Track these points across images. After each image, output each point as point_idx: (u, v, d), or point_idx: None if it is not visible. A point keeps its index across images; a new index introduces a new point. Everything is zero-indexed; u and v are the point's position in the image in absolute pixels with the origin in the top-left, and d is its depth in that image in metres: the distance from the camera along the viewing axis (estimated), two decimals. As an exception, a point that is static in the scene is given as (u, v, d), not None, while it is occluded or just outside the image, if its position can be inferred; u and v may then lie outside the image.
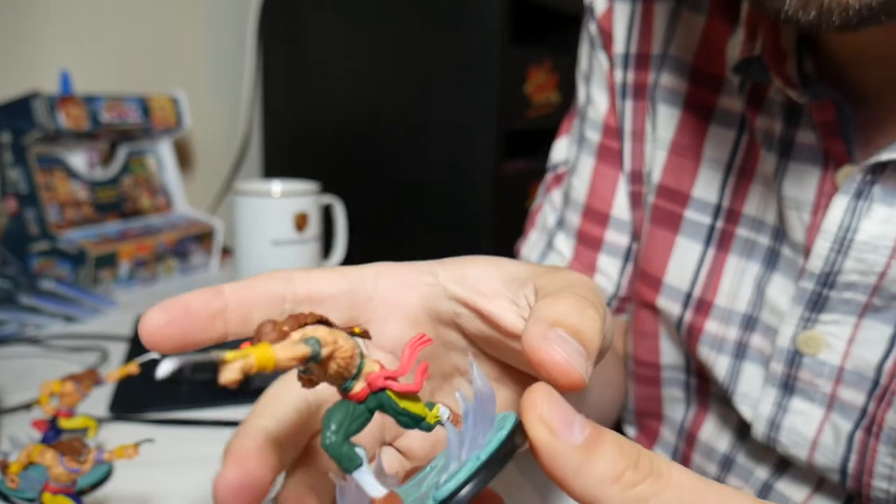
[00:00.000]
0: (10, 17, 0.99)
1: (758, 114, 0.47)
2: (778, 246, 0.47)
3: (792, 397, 0.46)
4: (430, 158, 1.10)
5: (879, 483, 0.42)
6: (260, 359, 0.17)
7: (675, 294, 0.53)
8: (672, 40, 0.52)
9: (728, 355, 0.50)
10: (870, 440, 0.42)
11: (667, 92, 0.52)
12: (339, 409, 0.19)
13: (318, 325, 0.19)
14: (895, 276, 0.40)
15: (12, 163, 0.86)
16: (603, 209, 0.59)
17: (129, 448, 0.35)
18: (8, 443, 0.47)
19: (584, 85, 0.60)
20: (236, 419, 0.56)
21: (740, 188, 0.49)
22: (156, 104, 0.98)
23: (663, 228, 0.53)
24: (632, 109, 0.56)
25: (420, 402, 0.20)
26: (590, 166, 0.59)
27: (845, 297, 0.42)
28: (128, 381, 0.59)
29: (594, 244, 0.60)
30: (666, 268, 0.53)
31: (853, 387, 0.43)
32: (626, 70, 0.55)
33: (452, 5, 1.04)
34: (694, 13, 0.51)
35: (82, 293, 0.79)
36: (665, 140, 0.53)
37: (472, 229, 1.08)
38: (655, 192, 0.54)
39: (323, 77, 1.17)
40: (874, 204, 0.40)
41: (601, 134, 0.58)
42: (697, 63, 0.51)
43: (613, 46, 0.56)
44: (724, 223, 0.50)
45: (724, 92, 0.49)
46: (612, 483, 0.18)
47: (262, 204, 0.86)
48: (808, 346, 0.44)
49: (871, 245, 0.40)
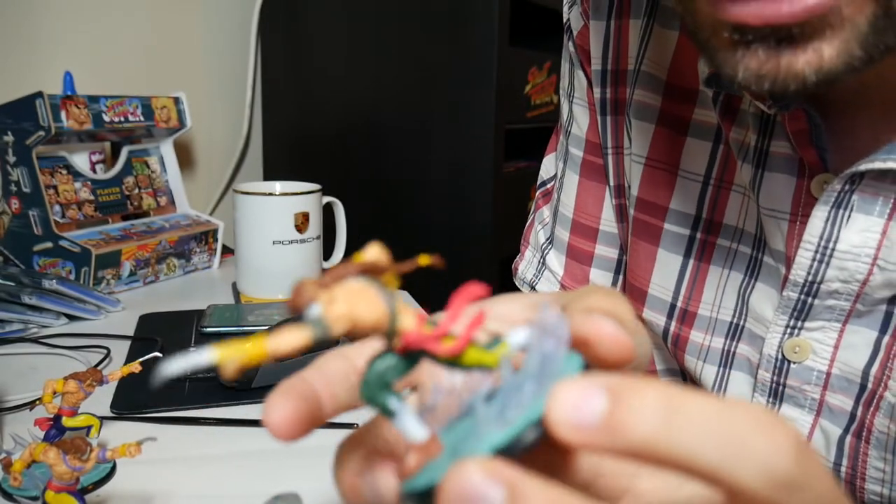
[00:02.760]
0: (14, 18, 1.00)
1: (732, 125, 0.47)
2: (759, 255, 0.47)
3: (781, 405, 0.46)
4: (430, 158, 1.10)
5: (872, 486, 0.43)
6: (251, 355, 0.16)
7: (659, 305, 0.53)
8: (645, 56, 0.52)
9: (714, 365, 0.50)
10: (860, 445, 0.43)
11: (641, 107, 0.53)
12: (380, 359, 0.19)
13: (360, 276, 0.18)
14: (877, 283, 0.40)
15: (15, 163, 0.86)
16: (591, 224, 0.60)
17: (132, 446, 0.35)
18: (11, 441, 0.48)
19: (566, 101, 0.61)
20: (238, 418, 0.57)
21: (719, 199, 0.49)
22: (158, 105, 0.98)
23: (644, 241, 0.54)
24: (612, 125, 0.56)
25: (472, 353, 0.19)
26: (575, 182, 0.60)
27: (829, 304, 0.43)
28: (130, 380, 0.59)
29: (585, 259, 0.61)
30: (649, 280, 0.54)
31: (841, 392, 0.44)
32: (603, 87, 0.56)
33: (452, 6, 1.04)
34: (666, 28, 0.51)
35: (85, 292, 0.79)
36: (641, 154, 0.53)
37: (472, 229, 1.09)
38: (635, 205, 0.54)
39: (324, 78, 1.18)
40: (854, 213, 0.40)
41: (584, 150, 0.59)
42: (671, 77, 0.51)
43: (590, 64, 0.56)
44: (704, 234, 0.50)
45: (699, 105, 0.50)
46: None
47: (262, 204, 0.87)
48: (795, 353, 0.45)
49: (851, 254, 0.41)
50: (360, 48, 1.13)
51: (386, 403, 0.19)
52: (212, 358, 0.16)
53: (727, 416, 0.16)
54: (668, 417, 0.16)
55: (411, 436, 0.19)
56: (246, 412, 0.58)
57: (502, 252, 1.11)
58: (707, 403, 0.16)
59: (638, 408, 0.16)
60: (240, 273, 0.89)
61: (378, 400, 0.19)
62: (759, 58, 0.32)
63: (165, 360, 0.16)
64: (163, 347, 0.69)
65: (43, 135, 0.84)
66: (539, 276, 0.64)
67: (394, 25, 1.10)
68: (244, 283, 0.89)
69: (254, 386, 0.61)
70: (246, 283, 0.89)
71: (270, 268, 0.87)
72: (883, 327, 0.41)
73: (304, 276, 0.18)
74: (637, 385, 0.16)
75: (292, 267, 0.88)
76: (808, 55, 0.31)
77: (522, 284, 0.65)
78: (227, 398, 0.60)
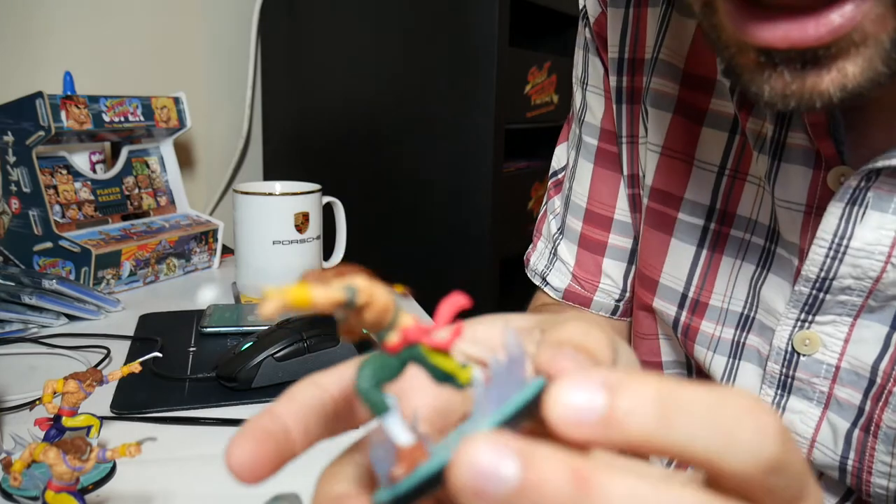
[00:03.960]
0: (14, 18, 1.00)
1: (749, 115, 0.47)
2: (772, 246, 0.47)
3: (789, 397, 0.46)
4: (430, 158, 1.10)
5: (879, 480, 0.43)
6: (297, 297, 0.17)
7: (670, 295, 0.53)
8: (662, 44, 0.52)
9: (724, 355, 0.50)
10: (868, 439, 0.43)
11: (658, 96, 0.53)
12: (374, 358, 0.20)
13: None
14: (890, 280, 0.40)
15: (15, 163, 0.86)
16: (606, 213, 0.59)
17: (132, 446, 0.35)
18: (11, 441, 0.48)
19: (580, 89, 0.61)
20: (237, 417, 0.57)
21: (733, 190, 0.49)
22: (158, 105, 0.98)
23: (658, 231, 0.54)
24: (627, 114, 0.56)
25: (453, 360, 0.21)
26: (589, 171, 0.60)
27: (840, 299, 0.43)
28: (130, 380, 0.60)
29: (598, 248, 0.61)
30: (661, 270, 0.54)
31: (850, 386, 0.44)
32: (620, 75, 0.56)
33: (452, 6, 1.04)
34: (684, 17, 0.51)
35: (85, 292, 0.79)
36: (657, 143, 0.53)
37: (472, 229, 1.09)
38: (649, 194, 0.54)
39: (324, 78, 1.18)
40: (868, 210, 0.40)
41: (599, 138, 0.59)
42: (689, 67, 0.51)
43: (607, 52, 0.56)
44: (718, 224, 0.50)
45: (716, 94, 0.50)
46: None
47: (262, 204, 0.87)
48: (805, 345, 0.45)
49: (865, 251, 0.41)
50: (360, 48, 1.13)
51: (381, 399, 0.19)
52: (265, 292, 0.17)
53: (718, 406, 0.16)
54: (663, 411, 0.16)
55: (400, 438, 0.19)
56: (246, 412, 0.58)
57: (502, 252, 1.11)
58: (699, 394, 0.17)
59: (635, 403, 0.16)
60: (240, 273, 0.89)
61: (372, 396, 0.19)
62: (785, 79, 0.32)
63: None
64: (163, 347, 0.69)
65: (43, 135, 0.84)
66: (550, 266, 0.64)
67: (394, 25, 1.10)
68: (244, 283, 0.89)
69: (254, 386, 0.61)
70: (246, 283, 0.89)
71: (270, 268, 0.87)
72: (894, 323, 0.42)
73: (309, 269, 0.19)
74: (633, 380, 0.17)
75: (292, 267, 0.88)
76: (832, 75, 0.31)
77: (534, 276, 0.65)
78: (227, 398, 0.60)
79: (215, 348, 0.71)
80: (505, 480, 0.15)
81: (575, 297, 0.62)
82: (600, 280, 0.61)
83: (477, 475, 0.15)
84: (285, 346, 0.63)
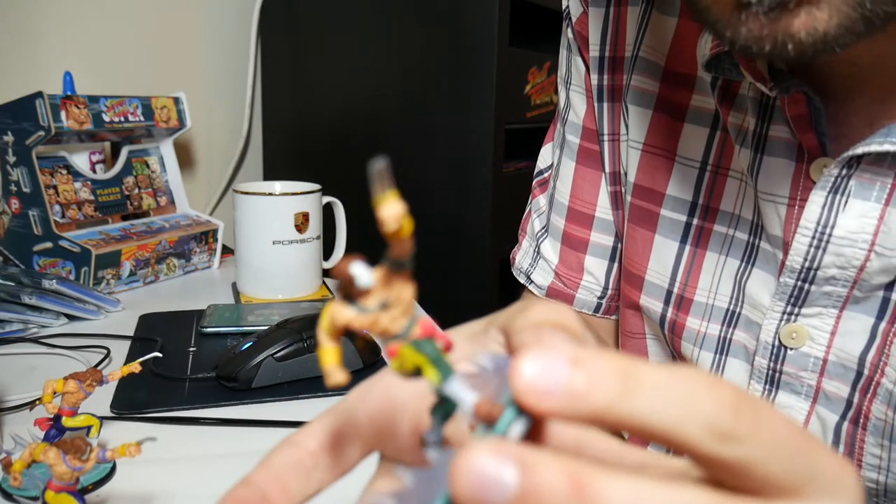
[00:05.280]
0: (14, 18, 1.00)
1: (730, 110, 0.47)
2: (756, 240, 0.48)
3: (777, 392, 0.46)
4: (430, 158, 1.10)
5: (869, 473, 0.43)
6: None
7: (656, 292, 0.53)
8: (643, 42, 0.53)
9: (711, 351, 0.50)
10: (857, 432, 0.43)
11: (638, 93, 0.53)
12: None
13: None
14: (874, 269, 0.40)
15: (15, 163, 0.86)
16: (587, 210, 0.60)
17: (132, 446, 0.35)
18: (11, 441, 0.48)
19: (564, 89, 0.61)
20: (237, 417, 0.57)
21: (716, 185, 0.50)
22: (158, 105, 0.98)
23: (641, 227, 0.54)
24: (608, 112, 0.57)
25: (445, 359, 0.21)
26: (571, 169, 0.60)
27: (826, 290, 0.43)
28: (130, 380, 0.59)
29: (580, 246, 0.61)
30: (646, 266, 0.54)
31: (837, 379, 0.44)
32: (601, 74, 0.56)
33: (452, 6, 1.04)
34: (664, 14, 0.51)
35: (85, 292, 0.79)
36: (638, 140, 0.54)
37: (472, 229, 1.09)
38: (632, 191, 0.55)
39: (323, 77, 1.18)
40: (851, 199, 0.40)
41: (581, 136, 0.59)
42: (669, 63, 0.51)
43: (588, 51, 0.57)
44: (701, 220, 0.51)
45: (697, 90, 0.50)
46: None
47: (262, 204, 0.87)
48: (792, 339, 0.45)
49: (848, 240, 0.41)
50: (360, 48, 1.13)
51: (449, 367, 0.19)
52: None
53: (677, 381, 0.17)
54: (626, 384, 0.17)
55: (467, 398, 0.19)
56: (246, 412, 0.58)
57: (502, 252, 1.10)
58: (660, 370, 0.17)
59: (600, 376, 0.17)
60: (240, 273, 0.89)
61: (441, 361, 0.19)
62: (760, 21, 0.33)
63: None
64: (163, 347, 0.69)
65: (43, 135, 0.84)
66: (534, 265, 0.64)
67: (394, 25, 1.10)
68: (244, 283, 0.89)
69: (254, 386, 0.61)
70: (246, 283, 0.89)
71: (270, 268, 0.87)
72: (880, 314, 0.42)
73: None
74: (598, 354, 0.17)
75: (292, 267, 0.88)
76: (801, 18, 0.32)
77: (519, 274, 0.66)
78: (227, 398, 0.60)
79: (215, 348, 0.71)
80: (505, 487, 0.15)
81: (558, 294, 0.62)
82: (582, 277, 0.61)
83: (478, 482, 0.15)
84: (285, 346, 0.63)
